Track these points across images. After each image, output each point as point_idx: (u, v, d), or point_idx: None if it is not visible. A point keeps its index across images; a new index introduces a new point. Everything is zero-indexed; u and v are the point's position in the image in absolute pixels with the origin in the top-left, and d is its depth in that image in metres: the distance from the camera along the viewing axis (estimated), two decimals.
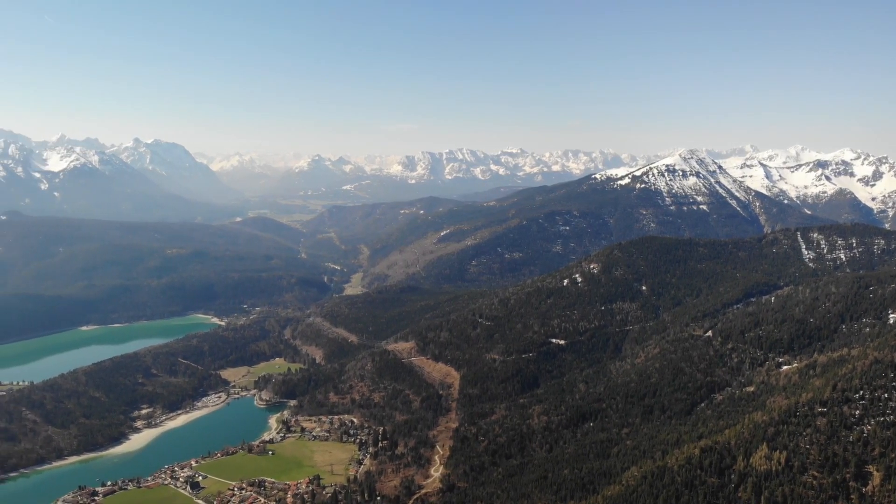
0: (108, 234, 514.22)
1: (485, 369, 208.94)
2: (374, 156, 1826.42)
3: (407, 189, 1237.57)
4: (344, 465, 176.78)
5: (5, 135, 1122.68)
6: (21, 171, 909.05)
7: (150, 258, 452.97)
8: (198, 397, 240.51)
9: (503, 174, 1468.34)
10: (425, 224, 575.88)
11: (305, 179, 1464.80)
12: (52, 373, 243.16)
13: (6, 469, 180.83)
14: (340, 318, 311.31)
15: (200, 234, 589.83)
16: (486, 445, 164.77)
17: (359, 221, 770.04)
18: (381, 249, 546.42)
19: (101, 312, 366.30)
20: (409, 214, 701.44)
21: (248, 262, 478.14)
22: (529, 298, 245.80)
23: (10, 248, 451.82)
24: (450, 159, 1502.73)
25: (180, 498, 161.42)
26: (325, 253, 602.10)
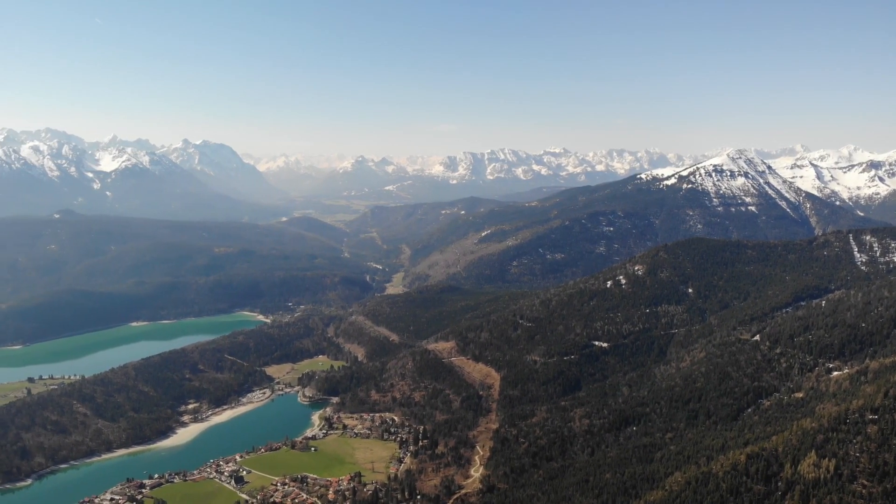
0: (157, 233, 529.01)
1: (525, 371, 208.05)
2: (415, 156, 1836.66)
3: (448, 189, 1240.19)
4: (385, 462, 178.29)
5: (59, 135, 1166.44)
6: (74, 171, 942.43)
7: (199, 256, 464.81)
8: (243, 393, 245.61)
9: (545, 174, 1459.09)
10: (466, 224, 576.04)
11: (349, 180, 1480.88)
12: (102, 367, 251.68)
13: (57, 461, 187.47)
14: (382, 317, 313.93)
15: (247, 233, 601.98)
16: (526, 447, 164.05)
17: (400, 221, 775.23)
18: (422, 249, 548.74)
19: (151, 309, 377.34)
20: (450, 215, 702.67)
21: (293, 261, 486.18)
22: (572, 300, 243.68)
23: (64, 245, 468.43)
24: (491, 159, 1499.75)
25: (225, 492, 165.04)
26: (367, 252, 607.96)
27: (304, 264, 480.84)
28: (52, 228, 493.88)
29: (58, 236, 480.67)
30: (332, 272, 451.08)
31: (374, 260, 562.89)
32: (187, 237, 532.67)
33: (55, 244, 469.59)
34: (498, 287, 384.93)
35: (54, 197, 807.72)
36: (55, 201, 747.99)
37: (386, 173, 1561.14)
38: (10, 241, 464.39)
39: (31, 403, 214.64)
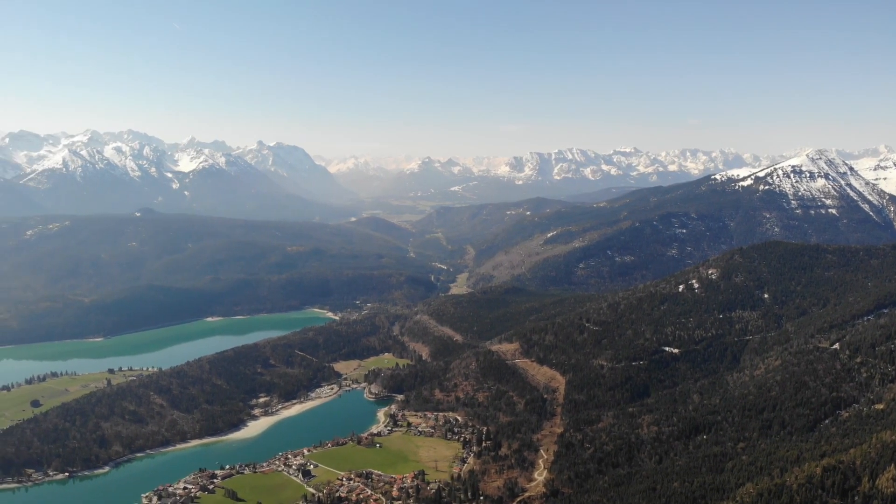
0: (233, 232, 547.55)
1: (592, 375, 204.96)
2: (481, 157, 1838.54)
3: (514, 190, 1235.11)
4: (448, 462, 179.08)
5: (140, 137, 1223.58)
6: (154, 172, 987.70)
7: (272, 255, 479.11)
8: (312, 388, 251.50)
9: (615, 174, 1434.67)
10: (532, 225, 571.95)
11: (415, 181, 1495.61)
12: (178, 360, 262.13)
13: (133, 449, 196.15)
14: (446, 317, 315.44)
15: (318, 232, 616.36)
16: (591, 452, 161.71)
17: (465, 222, 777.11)
18: (487, 250, 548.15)
19: (226, 305, 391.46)
20: (516, 215, 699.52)
21: (361, 260, 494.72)
22: (641, 304, 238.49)
23: (144, 243, 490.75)
24: (559, 159, 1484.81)
25: (292, 485, 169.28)
26: (432, 252, 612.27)
27: (371, 263, 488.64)
28: (133, 226, 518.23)
29: (138, 234, 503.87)
30: (398, 271, 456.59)
31: (438, 260, 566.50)
32: (261, 236, 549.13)
33: (136, 241, 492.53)
34: (563, 289, 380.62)
35: (135, 196, 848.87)
36: (136, 200, 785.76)
37: (452, 174, 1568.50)
38: (94, 238, 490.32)
39: (111, 394, 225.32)
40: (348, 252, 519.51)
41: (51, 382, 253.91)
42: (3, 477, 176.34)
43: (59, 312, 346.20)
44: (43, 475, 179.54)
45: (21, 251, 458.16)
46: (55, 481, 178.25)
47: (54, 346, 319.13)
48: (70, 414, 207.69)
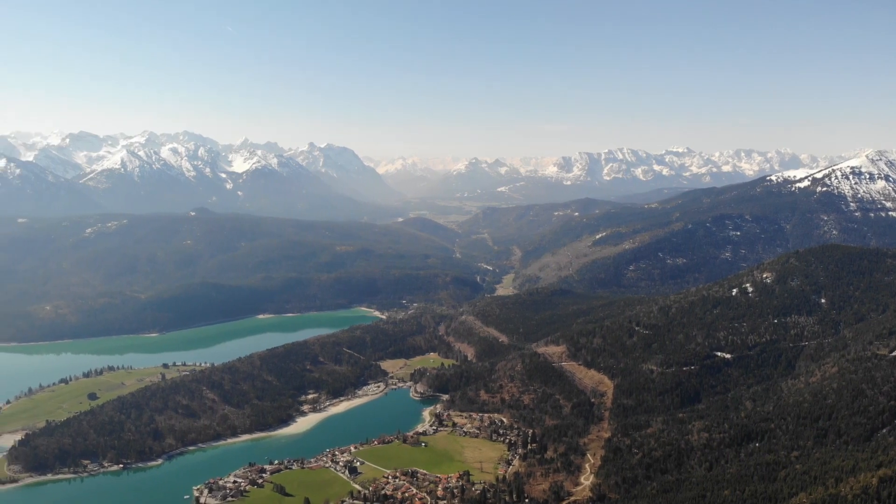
0: (284, 231, 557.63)
1: (641, 380, 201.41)
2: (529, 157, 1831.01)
3: (562, 190, 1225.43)
4: (493, 463, 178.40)
5: (195, 138, 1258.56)
6: (209, 172, 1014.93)
7: (321, 254, 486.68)
8: (359, 386, 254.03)
9: (667, 175, 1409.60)
10: (580, 226, 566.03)
11: (462, 181, 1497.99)
12: (230, 356, 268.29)
13: (186, 443, 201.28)
14: (492, 318, 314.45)
15: (366, 232, 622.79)
16: (640, 458, 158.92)
17: (512, 223, 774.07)
18: (534, 251, 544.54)
19: (276, 302, 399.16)
20: (564, 216, 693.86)
21: (408, 260, 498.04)
22: (693, 307, 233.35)
23: (199, 241, 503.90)
24: (608, 159, 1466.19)
25: (339, 481, 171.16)
26: (478, 253, 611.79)
27: (417, 263, 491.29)
28: (188, 225, 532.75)
29: (193, 233, 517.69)
30: (443, 272, 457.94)
31: (484, 261, 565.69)
32: (311, 236, 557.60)
33: (190, 240, 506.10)
34: (613, 292, 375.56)
35: (190, 196, 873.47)
36: (191, 200, 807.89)
37: (499, 174, 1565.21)
38: (150, 236, 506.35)
39: (165, 388, 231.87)
40: (395, 252, 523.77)
41: (107, 376, 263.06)
42: (60, 467, 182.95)
43: (117, 308, 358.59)
44: (98, 466, 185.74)
45: (81, 248, 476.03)
46: (110, 472, 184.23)
47: (111, 341, 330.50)
48: (125, 407, 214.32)
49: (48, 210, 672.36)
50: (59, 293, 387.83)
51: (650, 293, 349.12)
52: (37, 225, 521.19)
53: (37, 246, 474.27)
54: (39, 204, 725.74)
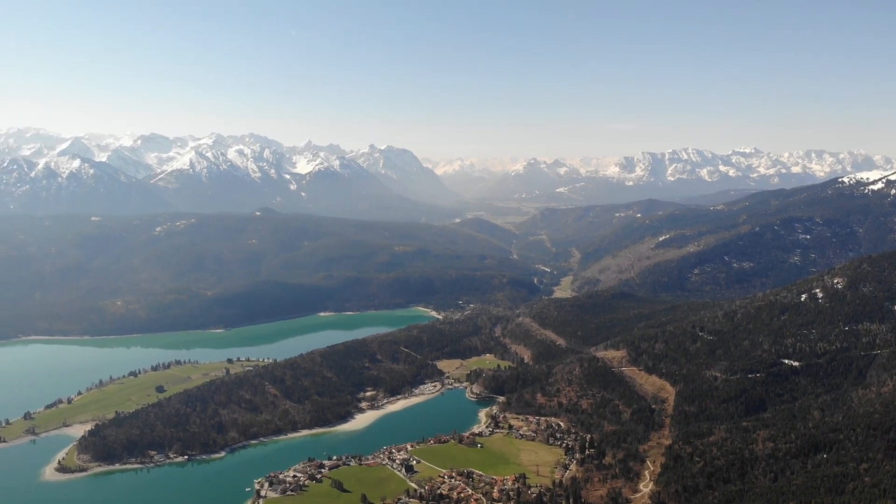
0: (344, 231, 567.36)
1: (704, 386, 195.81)
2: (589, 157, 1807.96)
3: (623, 191, 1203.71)
4: (549, 467, 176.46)
5: (261, 140, 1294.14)
6: (274, 173, 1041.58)
7: (380, 254, 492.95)
8: (416, 384, 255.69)
9: (733, 176, 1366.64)
10: (642, 228, 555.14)
11: (520, 182, 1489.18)
12: (292, 352, 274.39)
13: (248, 436, 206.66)
14: (549, 321, 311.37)
15: (424, 233, 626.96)
16: (701, 466, 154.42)
17: (571, 224, 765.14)
18: (593, 253, 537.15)
19: (337, 301, 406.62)
20: (625, 217, 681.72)
21: (465, 261, 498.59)
22: (759, 313, 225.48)
23: (264, 240, 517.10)
24: (672, 160, 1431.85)
25: (396, 479, 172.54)
26: (535, 254, 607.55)
27: (474, 264, 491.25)
28: (254, 225, 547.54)
29: (258, 232, 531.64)
30: (500, 273, 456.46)
31: (542, 262, 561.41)
32: (371, 236, 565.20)
33: (255, 239, 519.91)
34: (676, 296, 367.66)
35: (256, 196, 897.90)
36: (256, 200, 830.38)
37: (558, 175, 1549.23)
38: (217, 235, 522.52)
39: (229, 382, 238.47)
40: (452, 252, 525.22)
41: (175, 370, 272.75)
42: (128, 457, 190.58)
43: (184, 304, 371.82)
44: (164, 457, 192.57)
45: (151, 246, 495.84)
46: (175, 464, 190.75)
47: (178, 336, 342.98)
48: (191, 400, 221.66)
49: (120, 209, 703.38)
50: (129, 289, 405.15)
51: (715, 298, 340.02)
52: (109, 223, 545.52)
53: (109, 243, 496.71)
54: (112, 203, 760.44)
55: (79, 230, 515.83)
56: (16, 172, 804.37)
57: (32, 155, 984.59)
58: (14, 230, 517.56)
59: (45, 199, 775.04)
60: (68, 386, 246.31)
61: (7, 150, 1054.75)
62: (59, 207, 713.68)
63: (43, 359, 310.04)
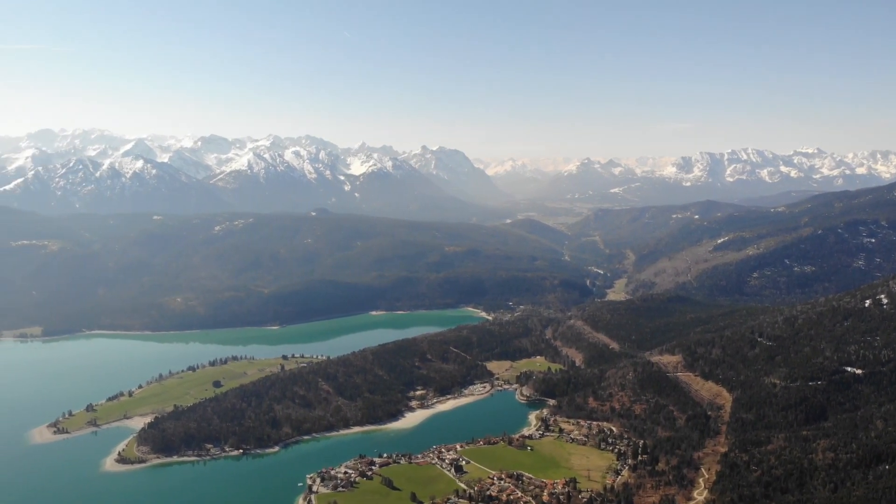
0: (396, 231, 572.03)
1: (762, 394, 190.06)
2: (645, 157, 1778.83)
3: (680, 192, 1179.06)
4: (601, 472, 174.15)
5: (316, 142, 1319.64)
6: (329, 174, 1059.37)
7: (431, 254, 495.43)
8: (465, 385, 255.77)
9: (795, 177, 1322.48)
10: (700, 230, 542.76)
11: (573, 182, 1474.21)
12: (344, 350, 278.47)
13: (301, 432, 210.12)
14: (602, 324, 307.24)
15: (474, 233, 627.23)
16: (758, 476, 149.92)
17: (625, 225, 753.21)
18: (649, 255, 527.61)
19: (388, 300, 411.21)
20: (682, 219, 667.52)
21: (515, 262, 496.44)
22: (821, 319, 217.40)
23: (319, 240, 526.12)
24: (731, 160, 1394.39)
25: (445, 478, 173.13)
26: (588, 256, 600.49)
27: (525, 265, 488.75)
28: (309, 225, 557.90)
29: (313, 232, 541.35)
30: (551, 274, 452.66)
31: (595, 264, 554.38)
32: (422, 236, 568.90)
33: (311, 238, 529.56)
34: (734, 300, 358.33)
35: (311, 196, 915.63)
36: (312, 200, 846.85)
37: (612, 175, 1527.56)
38: (274, 234, 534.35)
39: (284, 379, 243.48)
40: (502, 253, 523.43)
41: (231, 365, 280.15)
42: (185, 450, 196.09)
43: (241, 302, 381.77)
44: (220, 450, 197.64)
45: (210, 244, 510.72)
46: (230, 457, 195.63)
47: (236, 332, 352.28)
48: (247, 395, 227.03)
49: (181, 208, 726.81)
50: (189, 286, 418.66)
51: (775, 302, 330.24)
52: (170, 222, 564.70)
53: (170, 242, 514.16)
54: (173, 202, 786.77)
55: (141, 228, 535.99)
56: (81, 172, 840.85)
57: (97, 155, 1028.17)
58: (80, 228, 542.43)
59: (110, 198, 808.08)
60: (129, 379, 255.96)
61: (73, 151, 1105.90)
62: (123, 206, 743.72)
63: (106, 352, 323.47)
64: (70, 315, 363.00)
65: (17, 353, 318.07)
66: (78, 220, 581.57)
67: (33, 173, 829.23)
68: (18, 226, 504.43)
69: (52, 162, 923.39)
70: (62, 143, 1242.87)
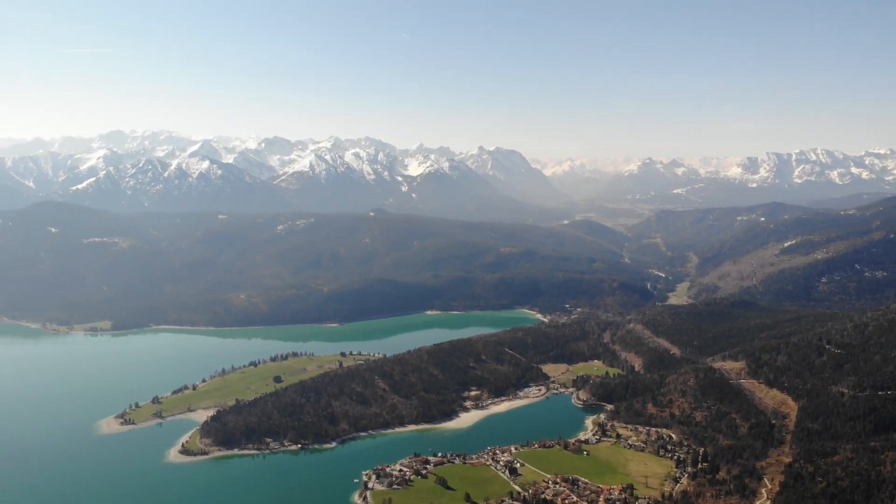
0: (452, 232, 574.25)
1: (829, 403, 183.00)
2: (709, 158, 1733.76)
3: (746, 193, 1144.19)
4: (659, 479, 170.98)
5: (375, 143, 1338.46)
6: (387, 175, 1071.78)
7: (487, 254, 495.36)
8: (520, 387, 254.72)
9: (867, 178, 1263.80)
10: (766, 233, 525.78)
11: (634, 183, 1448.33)
12: (400, 348, 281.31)
13: (358, 428, 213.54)
14: (663, 328, 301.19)
15: (530, 234, 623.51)
16: (823, 487, 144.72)
17: (688, 227, 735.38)
18: (712, 258, 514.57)
19: (443, 300, 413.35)
20: (747, 221, 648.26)
21: (572, 264, 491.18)
22: (893, 326, 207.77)
23: (376, 240, 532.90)
24: (800, 160, 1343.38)
25: (499, 480, 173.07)
26: (649, 258, 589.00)
27: (582, 267, 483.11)
28: (367, 225, 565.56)
29: (371, 231, 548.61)
30: (610, 277, 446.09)
31: (656, 267, 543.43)
32: (477, 236, 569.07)
33: (369, 238, 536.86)
34: (801, 305, 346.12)
35: (369, 197, 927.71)
36: (370, 201, 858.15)
37: (675, 176, 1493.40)
38: (334, 234, 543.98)
39: (342, 375, 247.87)
40: (559, 255, 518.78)
41: (291, 361, 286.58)
42: (246, 443, 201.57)
43: (302, 299, 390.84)
44: (279, 445, 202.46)
45: (273, 244, 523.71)
46: (289, 451, 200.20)
47: (296, 329, 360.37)
48: (306, 391, 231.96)
49: (245, 208, 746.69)
50: (252, 283, 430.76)
51: (844, 308, 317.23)
52: (235, 221, 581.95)
53: (234, 240, 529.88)
54: (237, 202, 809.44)
55: (207, 227, 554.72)
56: (150, 173, 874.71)
57: (165, 156, 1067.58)
58: (148, 227, 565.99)
59: (177, 197, 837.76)
60: (194, 373, 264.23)
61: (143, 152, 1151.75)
62: (189, 206, 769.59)
63: (171, 347, 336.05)
64: (138, 310, 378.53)
65: (88, 347, 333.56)
66: (147, 219, 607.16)
67: (105, 173, 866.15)
68: (90, 224, 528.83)
69: (123, 162, 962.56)
70: (132, 144, 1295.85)
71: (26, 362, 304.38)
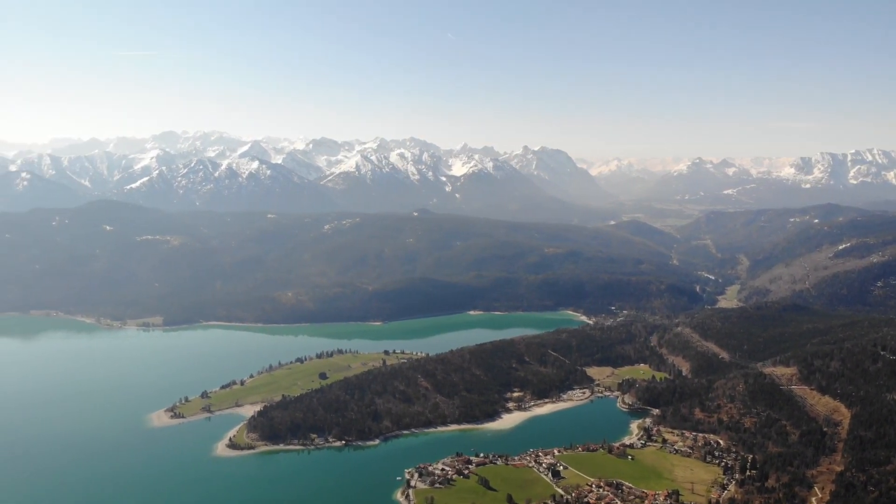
0: (495, 232, 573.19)
1: (884, 410, 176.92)
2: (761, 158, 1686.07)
3: (799, 194, 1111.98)
4: (706, 486, 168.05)
5: (420, 144, 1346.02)
6: (431, 175, 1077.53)
7: (530, 255, 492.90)
8: (563, 389, 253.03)
9: None
10: (820, 235, 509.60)
11: (683, 183, 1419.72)
12: (443, 348, 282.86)
13: (400, 426, 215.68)
14: (712, 332, 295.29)
15: (575, 235, 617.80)
16: (876, 497, 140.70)
17: (739, 229, 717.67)
18: (764, 261, 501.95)
19: (486, 300, 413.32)
20: (800, 223, 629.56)
21: (618, 265, 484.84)
22: None
23: (420, 239, 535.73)
24: (855, 161, 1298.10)
25: (542, 482, 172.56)
26: (698, 261, 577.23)
27: (629, 269, 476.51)
28: (411, 224, 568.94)
29: (415, 231, 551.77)
30: (658, 279, 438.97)
31: (705, 269, 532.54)
32: (521, 237, 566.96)
33: (412, 238, 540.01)
34: (856, 310, 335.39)
35: (414, 197, 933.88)
36: (414, 201, 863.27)
37: (725, 176, 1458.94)
38: (379, 234, 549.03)
39: (385, 373, 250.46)
40: (605, 256, 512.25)
41: (337, 358, 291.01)
42: (291, 439, 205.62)
43: (347, 297, 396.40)
44: (324, 441, 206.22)
45: (319, 243, 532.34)
46: (333, 447, 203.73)
47: (341, 327, 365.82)
48: (350, 388, 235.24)
49: (293, 207, 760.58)
50: (299, 282, 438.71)
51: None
52: (283, 220, 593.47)
53: (282, 239, 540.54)
54: (286, 202, 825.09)
55: (256, 226, 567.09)
56: (202, 172, 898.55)
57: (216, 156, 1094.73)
58: (199, 225, 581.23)
59: (227, 196, 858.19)
60: (241, 369, 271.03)
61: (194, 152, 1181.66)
62: (239, 205, 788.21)
63: (220, 343, 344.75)
64: (188, 306, 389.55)
65: (140, 342, 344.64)
66: (198, 218, 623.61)
67: (158, 173, 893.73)
68: (143, 222, 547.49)
69: (175, 162, 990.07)
70: (184, 145, 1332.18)
71: (81, 356, 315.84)
